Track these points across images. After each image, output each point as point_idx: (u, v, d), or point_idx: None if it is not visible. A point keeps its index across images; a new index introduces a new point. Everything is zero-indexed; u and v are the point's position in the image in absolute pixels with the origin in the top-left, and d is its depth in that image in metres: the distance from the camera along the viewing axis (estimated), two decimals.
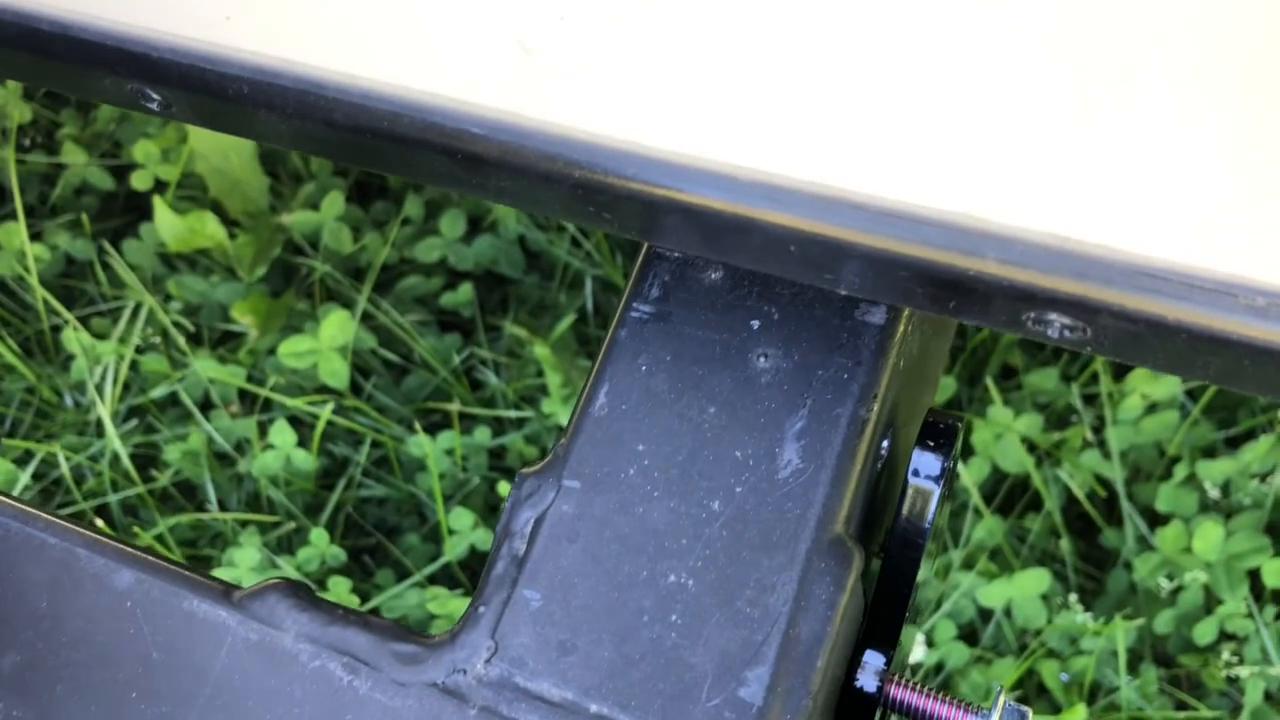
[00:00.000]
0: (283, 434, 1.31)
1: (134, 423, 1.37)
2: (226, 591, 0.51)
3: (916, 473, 0.51)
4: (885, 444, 0.52)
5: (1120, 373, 1.27)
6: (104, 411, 1.33)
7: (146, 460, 1.37)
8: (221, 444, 1.34)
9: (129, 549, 0.52)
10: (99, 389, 1.35)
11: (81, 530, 0.53)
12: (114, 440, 1.33)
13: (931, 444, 0.51)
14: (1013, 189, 0.38)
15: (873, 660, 0.51)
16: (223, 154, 1.42)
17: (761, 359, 0.50)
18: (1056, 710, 1.16)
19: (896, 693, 0.53)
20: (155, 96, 0.48)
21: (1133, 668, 1.19)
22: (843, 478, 0.48)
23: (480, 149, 0.43)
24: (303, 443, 1.32)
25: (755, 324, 0.51)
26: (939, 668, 1.20)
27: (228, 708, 0.48)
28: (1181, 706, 1.18)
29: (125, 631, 0.50)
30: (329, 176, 1.48)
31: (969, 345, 1.31)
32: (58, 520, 0.53)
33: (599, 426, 0.50)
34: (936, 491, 0.51)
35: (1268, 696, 1.17)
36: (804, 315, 0.50)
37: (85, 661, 0.50)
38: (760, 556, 0.47)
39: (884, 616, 0.53)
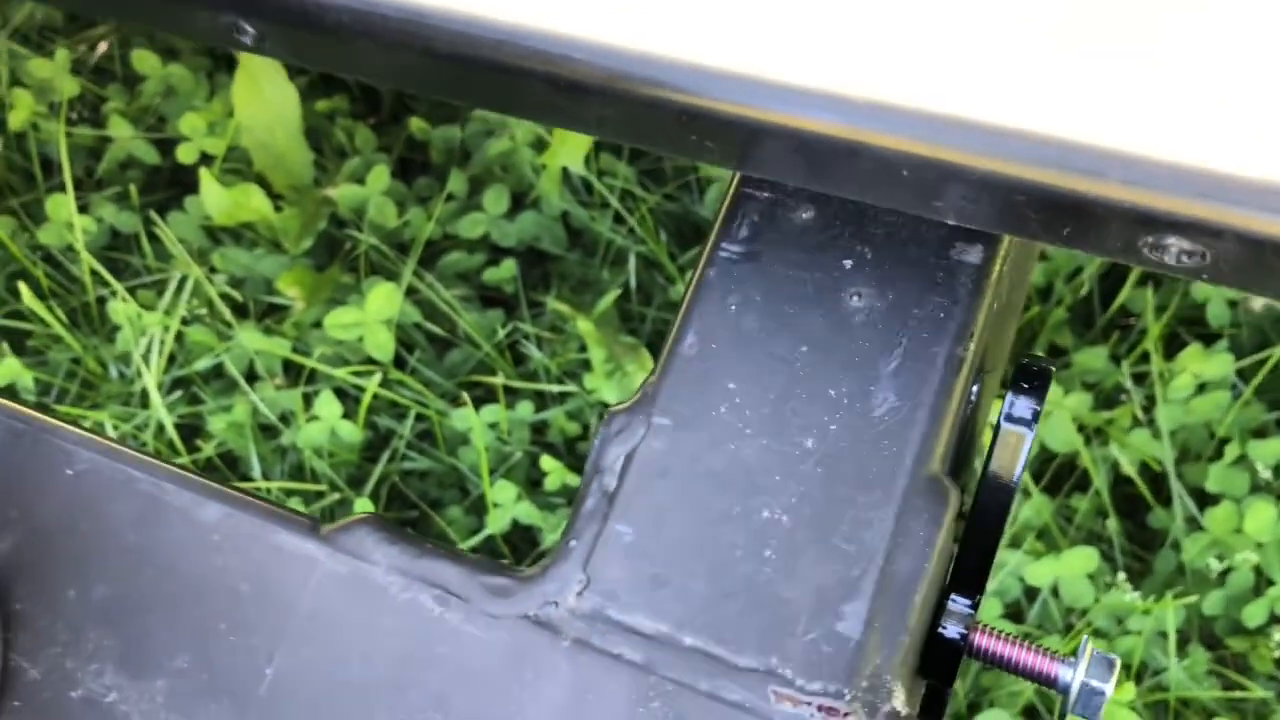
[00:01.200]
0: (328, 405, 1.31)
1: (179, 394, 1.38)
2: (313, 526, 0.51)
3: (1010, 416, 0.51)
4: (975, 387, 0.52)
5: (1170, 351, 1.26)
6: (149, 382, 1.34)
7: (191, 431, 1.38)
8: (266, 415, 1.34)
9: (215, 485, 0.52)
10: (145, 360, 1.36)
11: (168, 466, 0.53)
12: (159, 410, 1.33)
13: (1025, 386, 0.50)
14: (1132, 111, 0.38)
15: (959, 604, 0.51)
16: (268, 128, 1.43)
17: (855, 298, 0.50)
18: None
19: (981, 640, 0.53)
20: (250, 29, 0.48)
21: (1181, 649, 1.18)
22: (939, 416, 0.48)
23: (582, 76, 0.43)
24: (347, 415, 1.32)
25: (848, 263, 0.50)
26: None
27: (317, 639, 0.48)
28: (1230, 688, 1.17)
29: (213, 564, 0.50)
30: (373, 152, 1.48)
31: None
32: (145, 456, 0.53)
33: (688, 365, 0.50)
34: (1029, 435, 0.50)
35: None
36: (898, 254, 0.50)
37: (174, 594, 0.50)
38: (856, 493, 0.47)
39: (970, 562, 0.52)
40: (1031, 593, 1.21)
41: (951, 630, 0.51)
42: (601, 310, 1.38)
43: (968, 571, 0.52)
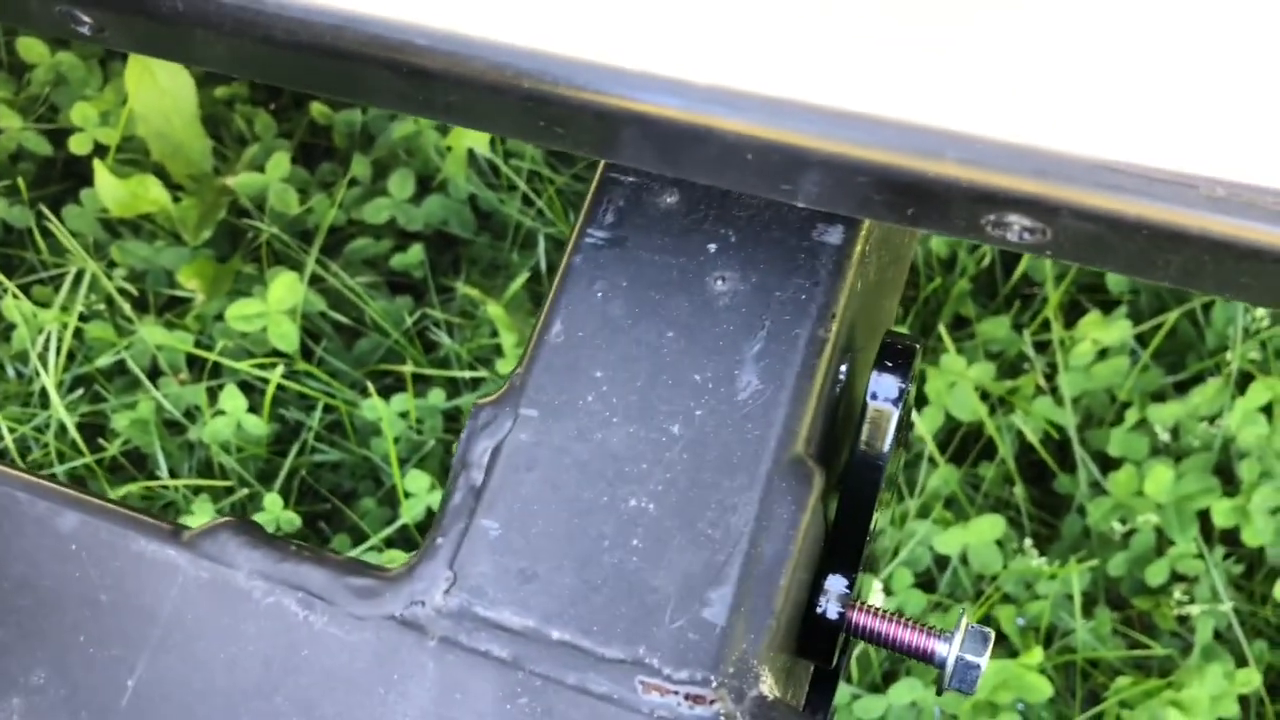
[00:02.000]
0: (233, 399, 1.28)
1: (80, 392, 1.34)
2: (175, 531, 0.49)
3: (875, 395, 0.51)
4: (844, 368, 0.52)
5: (1071, 319, 1.28)
6: (48, 381, 1.30)
7: (94, 430, 1.34)
8: (171, 411, 1.32)
9: (71, 491, 0.51)
10: (42, 358, 1.32)
11: (22, 475, 0.51)
12: (59, 410, 1.30)
13: (889, 365, 0.50)
14: (968, 93, 0.38)
15: (835, 584, 0.51)
16: (164, 116, 1.39)
17: (719, 282, 0.50)
18: (1014, 654, 1.18)
19: (859, 618, 0.53)
20: (86, 19, 0.47)
21: (1087, 610, 1.20)
22: (802, 398, 0.47)
23: (427, 62, 0.42)
24: (254, 408, 1.30)
25: (712, 247, 0.50)
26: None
27: (180, 647, 0.47)
28: (1135, 647, 1.19)
29: (71, 575, 0.49)
30: (273, 138, 1.45)
31: (921, 295, 1.31)
32: None
33: (555, 354, 0.49)
34: (895, 413, 0.51)
35: (1217, 635, 1.19)
36: (761, 237, 0.50)
37: (30, 607, 0.49)
38: (721, 478, 0.46)
39: (845, 542, 0.52)
40: (942, 561, 1.22)
41: (828, 609, 0.52)
42: (512, 294, 1.37)
43: (843, 550, 0.52)
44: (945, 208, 0.39)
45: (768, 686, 0.44)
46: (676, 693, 0.43)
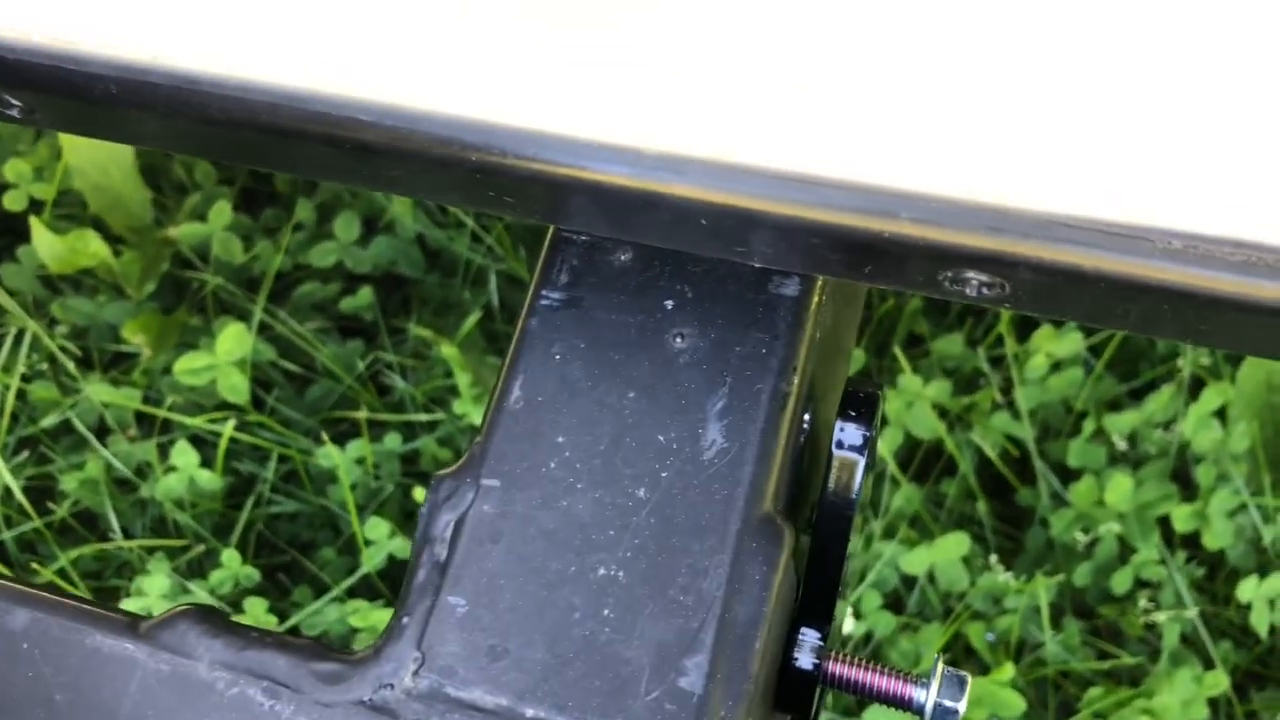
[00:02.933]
0: (185, 455, 1.26)
1: (25, 454, 1.31)
2: (132, 623, 0.48)
3: (840, 444, 0.50)
4: (807, 417, 0.51)
5: (1024, 333, 1.29)
6: None
7: (42, 492, 1.31)
8: (121, 470, 1.29)
9: (20, 587, 0.49)
10: None
11: None
12: (4, 474, 1.27)
13: (853, 414, 0.50)
14: (919, 152, 0.37)
15: (809, 637, 0.51)
16: (101, 168, 1.37)
17: (678, 339, 0.49)
18: (985, 670, 1.18)
19: (835, 668, 0.52)
20: (15, 103, 0.45)
21: (1055, 622, 1.21)
22: (768, 454, 0.47)
23: (369, 137, 0.41)
24: (206, 463, 1.27)
25: (669, 304, 0.49)
26: (868, 638, 1.20)
27: None
28: (1104, 656, 1.20)
29: (24, 675, 0.47)
30: (214, 185, 1.43)
31: (875, 316, 1.32)
32: None
33: (515, 420, 0.49)
34: (861, 461, 0.50)
35: (1184, 639, 1.20)
36: (718, 292, 0.49)
37: None
38: (690, 541, 0.46)
39: (817, 592, 0.52)
40: (910, 581, 1.22)
41: (803, 662, 0.51)
42: (465, 333, 1.35)
43: (815, 601, 0.52)
44: (902, 265, 0.38)
45: None
46: None
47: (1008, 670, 1.12)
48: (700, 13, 0.40)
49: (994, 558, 1.19)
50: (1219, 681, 1.13)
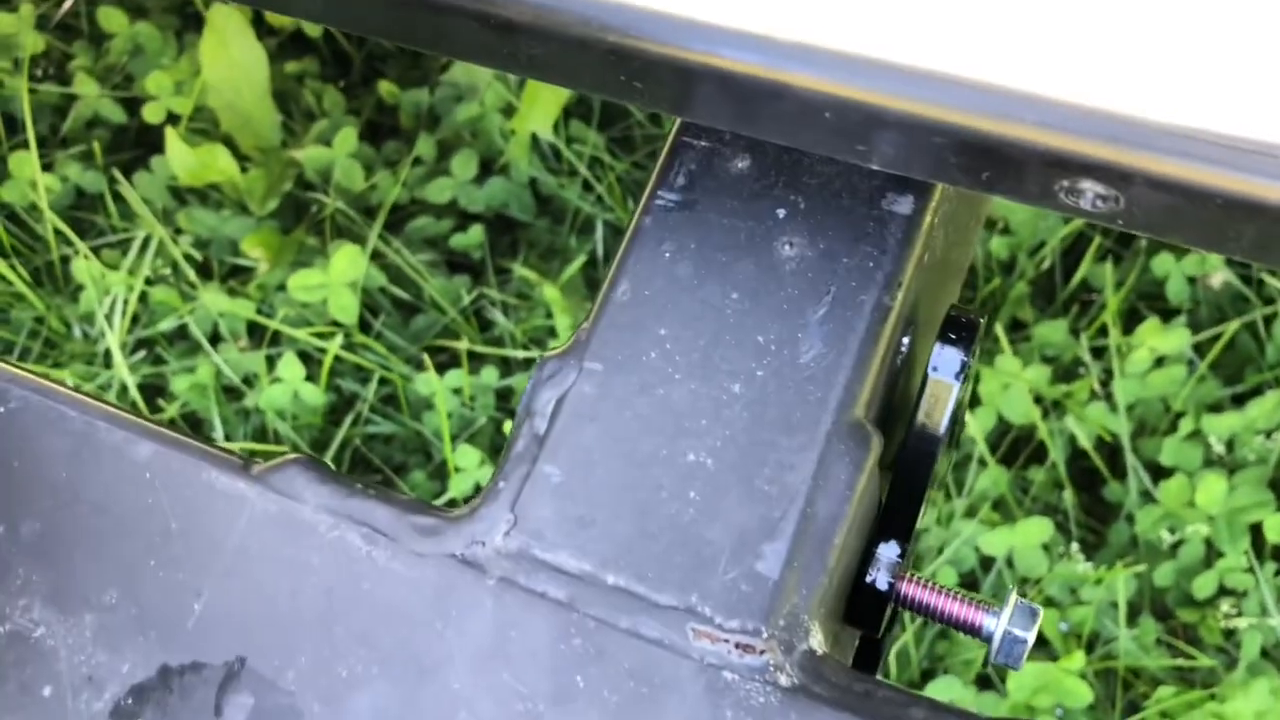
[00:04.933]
0: (291, 367, 1.31)
1: (142, 354, 1.37)
2: (246, 465, 0.51)
3: (936, 368, 0.51)
4: (906, 341, 0.52)
5: (1129, 327, 1.27)
6: (112, 342, 1.33)
7: (154, 392, 1.37)
8: (230, 377, 1.34)
9: (146, 422, 0.52)
10: (108, 320, 1.35)
11: (102, 404, 0.53)
12: (122, 371, 1.33)
13: (952, 338, 0.51)
14: (1046, 56, 0.38)
15: (886, 552, 0.52)
16: (236, 88, 1.42)
17: (787, 247, 0.50)
18: (1055, 659, 1.17)
19: (908, 588, 0.53)
20: None
21: (1132, 619, 1.19)
22: (864, 363, 0.48)
23: (512, 15, 0.43)
24: (311, 378, 1.32)
25: (781, 212, 0.51)
26: None
27: (245, 575, 0.48)
28: (1179, 659, 1.18)
29: (144, 501, 0.50)
30: (341, 115, 1.48)
31: (979, 296, 1.31)
32: (78, 394, 0.53)
33: (621, 311, 0.50)
34: (955, 387, 0.51)
35: (1264, 653, 1.18)
36: (830, 204, 0.50)
37: (104, 530, 0.50)
38: (780, 437, 0.47)
39: (898, 513, 0.53)
40: (987, 562, 1.22)
41: (877, 578, 0.52)
42: (568, 277, 1.38)
43: (895, 521, 0.53)
44: (1020, 172, 0.39)
45: (818, 641, 0.45)
46: (727, 641, 0.44)
47: (1078, 660, 1.12)
48: None
49: (1075, 547, 1.18)
50: None
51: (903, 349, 0.52)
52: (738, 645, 0.44)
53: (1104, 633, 1.19)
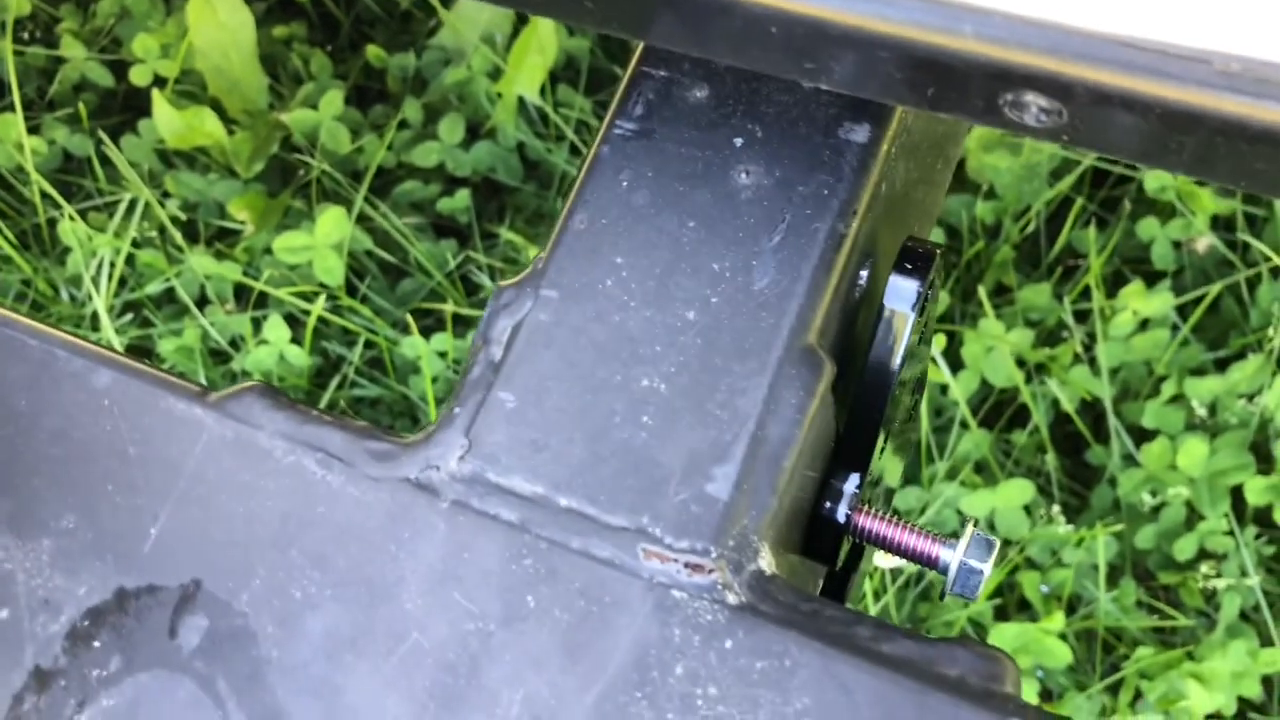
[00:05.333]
0: (277, 329, 1.31)
1: (129, 317, 1.37)
2: (203, 393, 0.51)
3: (891, 297, 0.51)
4: (864, 274, 0.52)
5: (1113, 291, 1.27)
6: (100, 305, 1.34)
7: (141, 354, 1.38)
8: (216, 339, 1.34)
9: (107, 352, 0.53)
10: (95, 282, 1.36)
11: (59, 332, 0.53)
12: (109, 333, 1.33)
13: (908, 267, 0.51)
14: None
15: (841, 485, 0.52)
16: (223, 51, 1.42)
17: (743, 175, 0.50)
18: (1035, 620, 1.17)
19: (865, 521, 0.53)
20: None
21: (1112, 581, 1.19)
22: (817, 290, 0.48)
23: None
24: (297, 340, 1.32)
25: (738, 141, 0.51)
26: (920, 575, 1.21)
27: (201, 500, 0.49)
28: (1159, 619, 1.19)
29: (102, 428, 0.50)
30: (329, 78, 1.48)
31: (963, 259, 1.31)
32: (37, 324, 0.53)
33: (578, 240, 0.50)
34: (910, 317, 0.51)
35: (1244, 615, 1.18)
36: (787, 133, 0.50)
37: (63, 456, 0.50)
38: (733, 363, 0.47)
39: (854, 445, 0.53)
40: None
41: (834, 510, 0.52)
42: None
43: (851, 453, 0.53)
44: (964, 86, 0.39)
45: (767, 563, 0.45)
46: (676, 560, 0.44)
47: (1058, 620, 1.12)
48: None
49: (1056, 509, 1.18)
50: (1276, 659, 1.11)
51: (860, 282, 0.52)
52: (687, 565, 0.44)
53: (1085, 595, 1.19)
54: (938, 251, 0.52)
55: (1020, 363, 1.24)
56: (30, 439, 0.51)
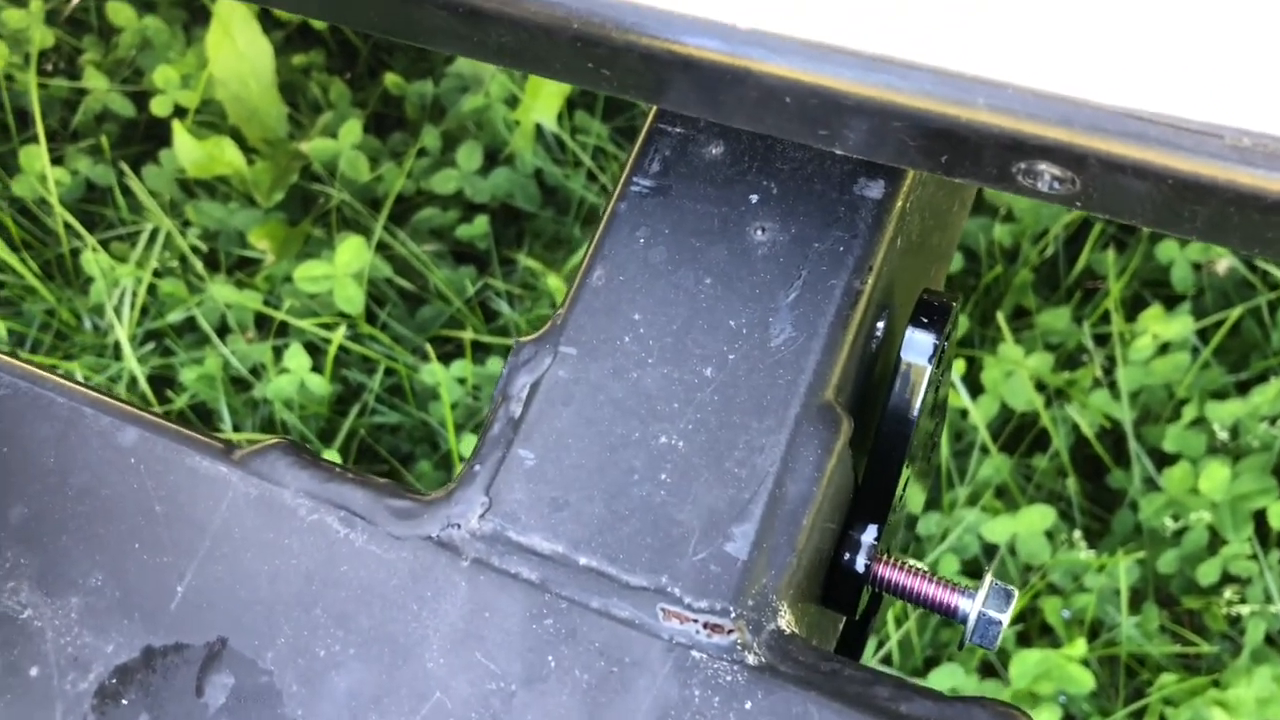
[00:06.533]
0: (298, 358, 1.32)
1: (151, 346, 1.39)
2: (228, 449, 0.52)
3: (908, 350, 0.51)
4: (881, 325, 0.53)
5: (1133, 314, 1.26)
6: (122, 334, 1.35)
7: (163, 383, 1.39)
8: (237, 368, 1.36)
9: (131, 408, 0.53)
10: (117, 312, 1.37)
11: (87, 390, 0.54)
12: (131, 362, 1.34)
13: (925, 321, 0.51)
14: (1000, 40, 0.38)
15: (860, 536, 0.52)
16: (242, 81, 1.43)
17: (759, 232, 0.51)
18: (1058, 646, 1.17)
19: (884, 570, 0.54)
20: None
21: (1135, 607, 1.19)
22: (834, 346, 0.48)
23: (481, 3, 0.44)
24: (317, 369, 1.33)
25: (754, 198, 0.51)
26: None
27: (227, 558, 0.49)
28: (1182, 645, 1.18)
29: (129, 486, 0.51)
30: (347, 106, 1.49)
31: (981, 284, 1.31)
32: (65, 381, 0.54)
33: (596, 296, 0.51)
34: (928, 369, 0.51)
35: (1268, 640, 1.17)
36: (802, 189, 0.51)
37: (90, 514, 0.51)
38: (750, 420, 0.48)
39: (873, 496, 0.53)
40: (990, 550, 1.22)
41: (853, 560, 0.53)
42: (573, 266, 1.39)
43: (870, 503, 0.53)
44: (977, 155, 0.39)
45: (786, 622, 0.45)
46: (696, 620, 0.45)
47: (1080, 647, 1.12)
48: None
49: (1078, 534, 1.18)
50: None
51: (877, 333, 0.52)
52: (706, 625, 0.45)
53: (1107, 620, 1.18)
54: (954, 304, 0.52)
55: (1040, 387, 1.24)
56: (59, 496, 0.52)
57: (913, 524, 0.62)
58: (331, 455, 1.29)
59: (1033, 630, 1.21)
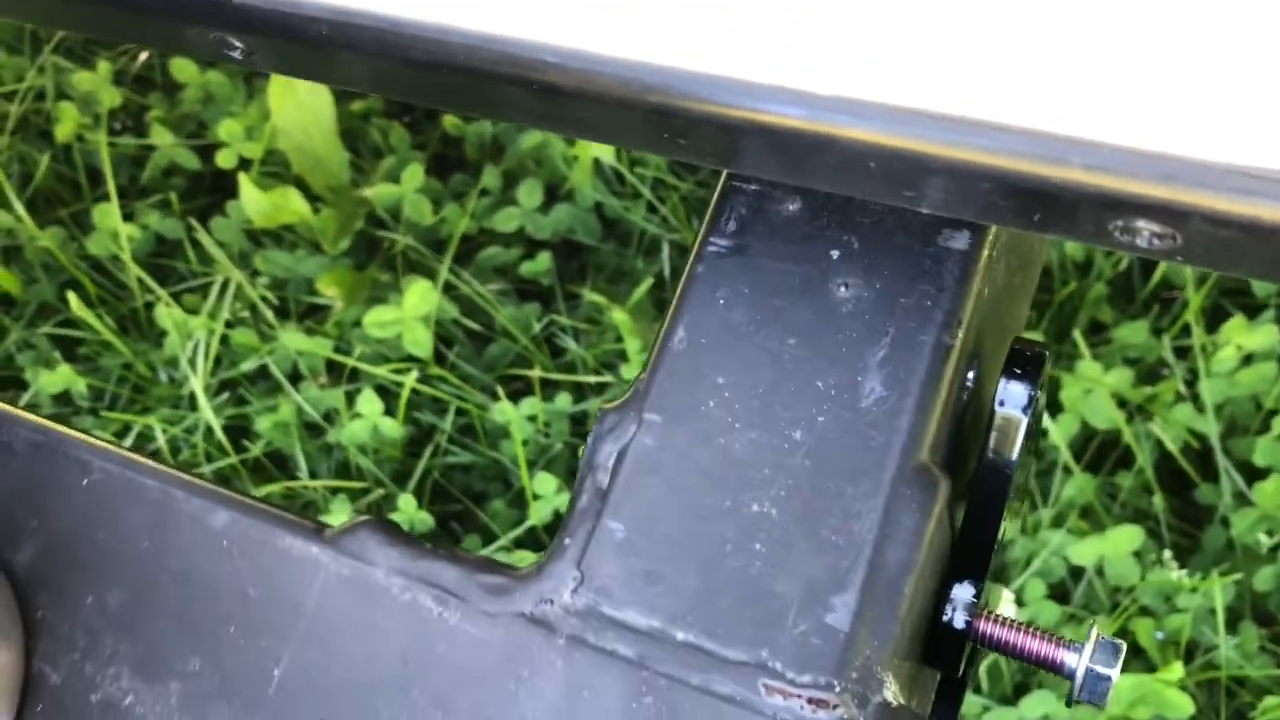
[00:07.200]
0: (370, 403, 1.33)
1: (226, 395, 1.41)
2: (318, 529, 0.52)
3: (1002, 402, 0.50)
4: (970, 375, 0.51)
5: (1213, 324, 1.23)
6: (196, 385, 1.37)
7: (239, 431, 1.41)
8: (311, 414, 1.37)
9: (223, 491, 0.54)
10: (191, 363, 1.39)
11: (177, 473, 0.54)
12: (207, 412, 1.36)
13: (1017, 371, 0.50)
14: (1093, 98, 0.37)
15: (961, 594, 0.51)
16: (304, 130, 1.45)
17: (842, 289, 0.50)
18: (1152, 669, 1.14)
19: (986, 627, 0.52)
20: (238, 44, 0.49)
21: (1232, 626, 1.16)
22: (927, 405, 0.47)
23: (556, 79, 0.43)
24: (389, 411, 1.34)
25: (835, 254, 0.50)
26: None
27: (322, 640, 0.49)
28: None
29: (222, 569, 0.51)
30: (408, 150, 1.50)
31: (1056, 300, 1.28)
32: (155, 464, 0.55)
33: (678, 360, 0.50)
34: (1023, 421, 0.50)
35: None
36: (885, 243, 0.50)
37: (185, 598, 0.52)
38: (844, 484, 0.47)
39: (972, 551, 0.52)
40: (1077, 572, 1.19)
41: (954, 618, 0.51)
42: (636, 300, 1.38)
43: (970, 559, 0.52)
44: (1072, 214, 0.38)
45: (892, 693, 0.44)
46: (799, 696, 0.44)
47: (1177, 670, 1.09)
48: None
49: (1168, 554, 1.15)
50: None
51: (968, 384, 0.51)
52: (810, 700, 0.44)
53: (1203, 641, 1.15)
54: (1046, 353, 0.50)
55: (1121, 403, 1.21)
56: (154, 581, 0.52)
57: (1005, 550, 0.60)
58: (406, 497, 1.29)
59: (1125, 653, 1.18)
